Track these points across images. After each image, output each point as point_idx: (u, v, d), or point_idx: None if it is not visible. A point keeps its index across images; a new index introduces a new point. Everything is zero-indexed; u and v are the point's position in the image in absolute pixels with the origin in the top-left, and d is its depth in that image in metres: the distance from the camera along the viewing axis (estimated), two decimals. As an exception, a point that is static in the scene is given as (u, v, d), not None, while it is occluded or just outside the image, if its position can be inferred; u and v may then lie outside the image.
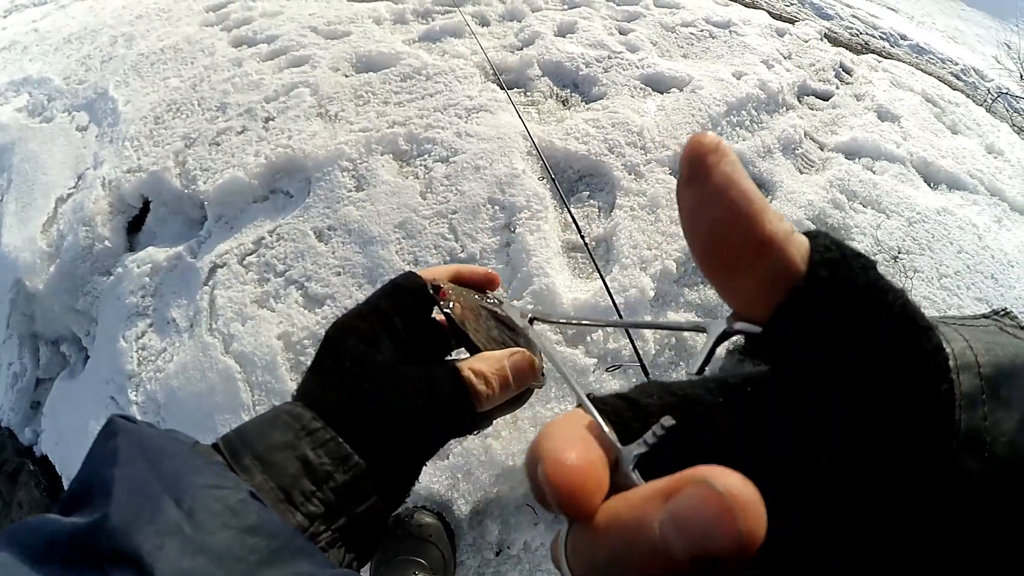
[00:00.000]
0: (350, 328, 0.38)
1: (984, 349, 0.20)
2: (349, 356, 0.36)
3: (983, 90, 3.31)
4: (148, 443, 0.28)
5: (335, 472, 0.33)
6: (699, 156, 0.20)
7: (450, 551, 1.21)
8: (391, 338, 0.39)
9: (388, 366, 0.36)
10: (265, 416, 0.35)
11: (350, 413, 0.35)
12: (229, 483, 0.28)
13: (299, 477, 0.32)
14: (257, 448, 0.32)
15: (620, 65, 2.08)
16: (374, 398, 0.35)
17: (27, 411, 1.91)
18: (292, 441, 0.33)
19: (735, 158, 0.20)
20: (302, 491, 0.32)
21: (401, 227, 1.55)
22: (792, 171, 1.89)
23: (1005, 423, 0.18)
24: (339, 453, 0.33)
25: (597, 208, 1.65)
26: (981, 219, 2.02)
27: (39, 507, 1.78)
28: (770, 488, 0.15)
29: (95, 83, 2.42)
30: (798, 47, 2.54)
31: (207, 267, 1.62)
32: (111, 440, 0.28)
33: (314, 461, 0.32)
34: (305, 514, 0.31)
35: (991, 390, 0.19)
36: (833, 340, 0.18)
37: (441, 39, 2.24)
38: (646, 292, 1.41)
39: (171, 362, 1.51)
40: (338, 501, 0.32)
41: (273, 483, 0.31)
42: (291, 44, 2.26)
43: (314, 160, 1.73)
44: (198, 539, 0.24)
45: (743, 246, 0.19)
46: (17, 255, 1.93)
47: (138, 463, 0.27)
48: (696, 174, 0.20)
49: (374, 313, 0.39)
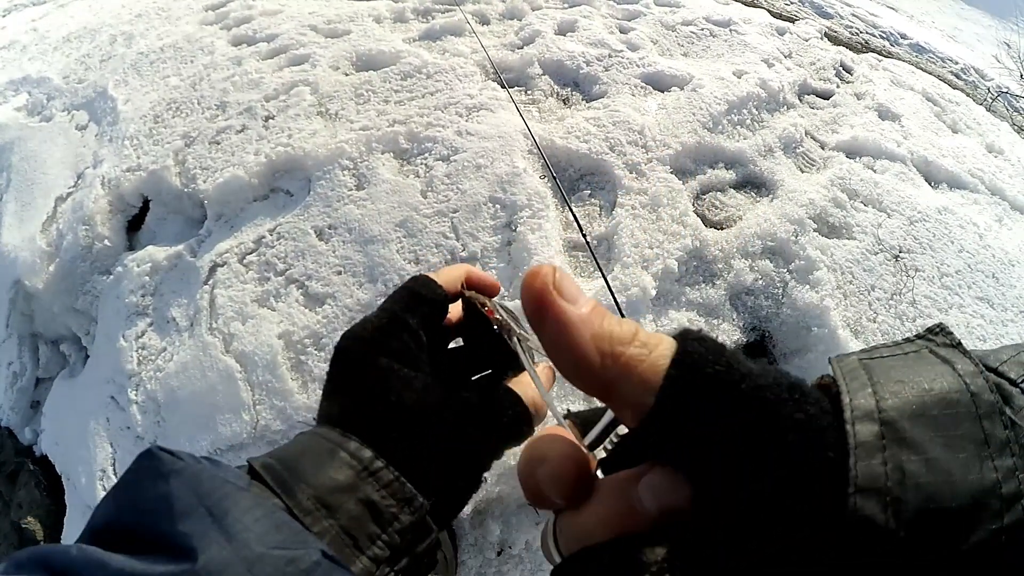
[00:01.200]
0: (383, 347, 0.37)
1: (891, 392, 0.20)
2: (395, 380, 0.35)
3: (983, 89, 3.31)
4: (204, 489, 0.27)
5: (400, 514, 0.32)
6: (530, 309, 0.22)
7: (451, 551, 1.21)
8: (423, 353, 0.38)
9: (440, 394, 0.36)
10: (313, 446, 0.34)
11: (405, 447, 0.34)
12: (298, 544, 0.27)
13: (364, 520, 0.31)
14: (316, 487, 0.31)
15: (621, 64, 2.08)
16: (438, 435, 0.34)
17: (27, 411, 1.90)
18: (355, 482, 0.32)
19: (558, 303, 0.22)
20: (368, 534, 0.31)
21: (402, 226, 1.54)
22: (793, 170, 1.88)
23: (909, 465, 0.18)
24: (404, 495, 0.33)
25: (598, 207, 1.65)
26: (982, 218, 2.01)
27: (39, 507, 1.77)
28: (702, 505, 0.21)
29: (94, 82, 2.42)
30: (798, 46, 2.54)
31: (207, 266, 1.61)
32: (161, 482, 0.27)
33: (379, 503, 0.32)
34: (371, 557, 0.31)
35: (892, 435, 0.19)
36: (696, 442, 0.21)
37: (441, 37, 2.23)
38: (648, 291, 1.41)
39: (171, 361, 1.51)
40: (402, 542, 0.32)
41: (338, 527, 0.30)
42: (291, 43, 2.25)
43: (314, 159, 1.72)
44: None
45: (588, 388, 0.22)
46: (17, 254, 1.92)
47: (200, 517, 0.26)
48: (534, 324, 0.22)
49: (403, 329, 0.37)
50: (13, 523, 1.79)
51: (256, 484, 0.30)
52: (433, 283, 0.40)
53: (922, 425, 0.19)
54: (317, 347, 1.41)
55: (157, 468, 0.28)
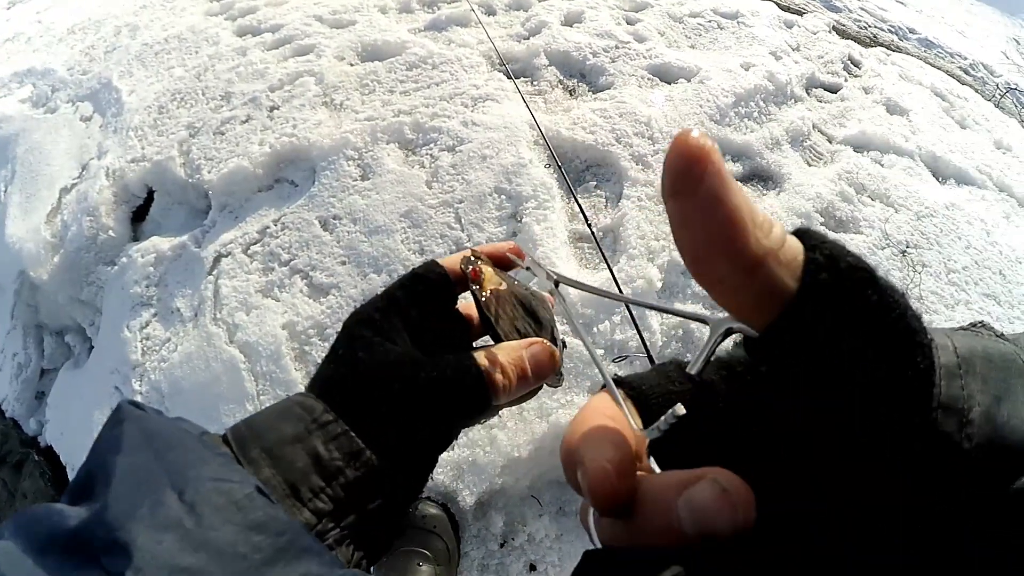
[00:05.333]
0: (366, 319, 0.37)
1: (960, 341, 0.22)
2: (362, 347, 0.35)
3: (992, 85, 3.28)
4: (154, 431, 0.27)
5: (346, 468, 0.31)
6: (683, 168, 0.19)
7: (454, 542, 1.21)
8: (408, 329, 0.37)
9: (403, 357, 0.35)
10: (276, 407, 0.34)
11: (362, 405, 0.33)
12: (235, 476, 0.27)
13: (308, 472, 0.30)
14: (266, 440, 0.31)
15: (627, 55, 2.06)
16: (386, 390, 0.34)
17: (32, 401, 1.91)
18: (302, 434, 0.31)
19: (720, 165, 0.19)
20: (310, 487, 0.30)
21: (407, 216, 1.54)
22: (800, 163, 1.87)
23: (981, 396, 0.20)
24: (351, 448, 0.32)
25: (604, 198, 1.64)
26: (989, 215, 1.99)
27: (44, 497, 1.78)
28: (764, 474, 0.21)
29: (99, 73, 2.41)
30: (806, 39, 2.51)
31: (211, 257, 1.61)
32: (117, 427, 0.27)
33: (324, 456, 0.31)
34: (313, 510, 0.30)
35: (968, 367, 0.20)
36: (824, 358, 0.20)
37: (447, 28, 2.22)
38: (653, 283, 1.40)
39: (175, 352, 1.51)
40: (348, 497, 0.31)
41: (280, 477, 0.30)
42: (296, 33, 2.24)
43: (319, 149, 1.72)
44: (199, 535, 0.23)
45: (730, 267, 0.19)
46: (21, 246, 1.92)
47: (142, 452, 0.26)
48: (680, 189, 0.19)
49: (390, 304, 0.38)
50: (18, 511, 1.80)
51: (209, 434, 0.31)
52: (435, 264, 0.40)
53: (990, 367, 0.21)
54: (321, 337, 1.40)
55: (117, 416, 0.28)
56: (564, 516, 1.27)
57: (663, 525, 0.21)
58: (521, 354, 0.37)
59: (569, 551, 1.22)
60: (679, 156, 0.19)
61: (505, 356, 0.36)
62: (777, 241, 0.20)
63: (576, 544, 1.23)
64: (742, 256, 0.19)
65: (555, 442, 1.22)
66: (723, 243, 0.19)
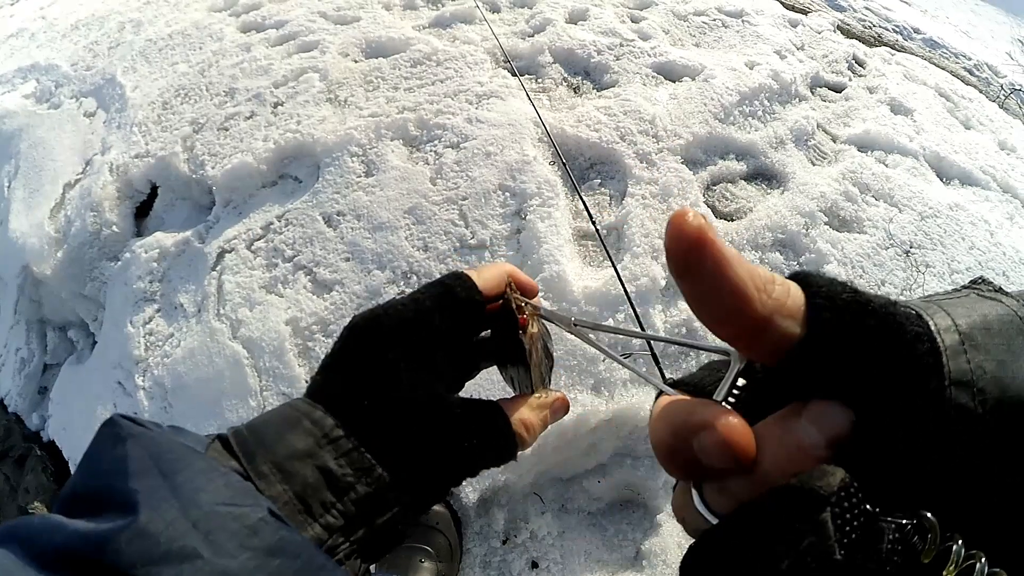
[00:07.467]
0: (392, 336, 0.36)
1: (961, 315, 0.24)
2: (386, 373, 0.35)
3: (996, 86, 3.27)
4: (158, 453, 0.27)
5: (357, 483, 0.32)
6: (684, 252, 0.21)
7: (456, 539, 1.21)
8: (443, 355, 0.37)
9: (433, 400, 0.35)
10: (280, 414, 0.34)
11: (381, 430, 0.34)
12: (248, 500, 0.27)
13: (319, 487, 0.31)
14: (276, 454, 0.31)
15: (632, 53, 2.06)
16: (414, 435, 0.34)
17: (34, 396, 1.91)
18: (312, 449, 0.32)
19: (717, 243, 0.22)
20: (322, 501, 0.31)
21: (411, 213, 1.54)
22: (804, 162, 1.86)
23: (986, 364, 0.22)
24: (362, 464, 0.32)
25: (608, 196, 1.63)
26: (993, 215, 1.99)
27: (46, 492, 1.78)
28: None
29: (103, 69, 2.41)
30: (811, 38, 2.51)
31: (215, 252, 1.61)
32: (119, 446, 0.27)
33: (336, 471, 0.31)
34: (324, 525, 0.30)
35: (970, 341, 0.22)
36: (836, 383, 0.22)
37: (451, 25, 2.22)
38: (657, 281, 1.40)
39: (178, 347, 1.51)
40: (358, 512, 0.31)
41: (292, 493, 0.30)
42: (300, 29, 2.24)
43: (323, 145, 1.72)
44: (217, 564, 0.24)
45: (742, 330, 0.22)
46: (25, 241, 1.92)
47: (152, 476, 0.26)
48: (685, 272, 0.22)
49: (425, 326, 0.37)
50: (20, 508, 1.80)
51: (214, 448, 0.31)
52: (471, 286, 0.39)
53: (989, 336, 0.23)
54: (325, 333, 1.40)
55: (116, 434, 0.28)
56: (566, 513, 1.27)
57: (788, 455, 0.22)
58: (547, 413, 0.39)
59: (571, 548, 1.22)
60: (678, 240, 0.21)
61: (533, 415, 0.38)
62: (780, 297, 0.22)
63: (578, 541, 1.23)
64: (751, 320, 0.22)
65: (558, 440, 1.22)
66: (733, 313, 0.22)
